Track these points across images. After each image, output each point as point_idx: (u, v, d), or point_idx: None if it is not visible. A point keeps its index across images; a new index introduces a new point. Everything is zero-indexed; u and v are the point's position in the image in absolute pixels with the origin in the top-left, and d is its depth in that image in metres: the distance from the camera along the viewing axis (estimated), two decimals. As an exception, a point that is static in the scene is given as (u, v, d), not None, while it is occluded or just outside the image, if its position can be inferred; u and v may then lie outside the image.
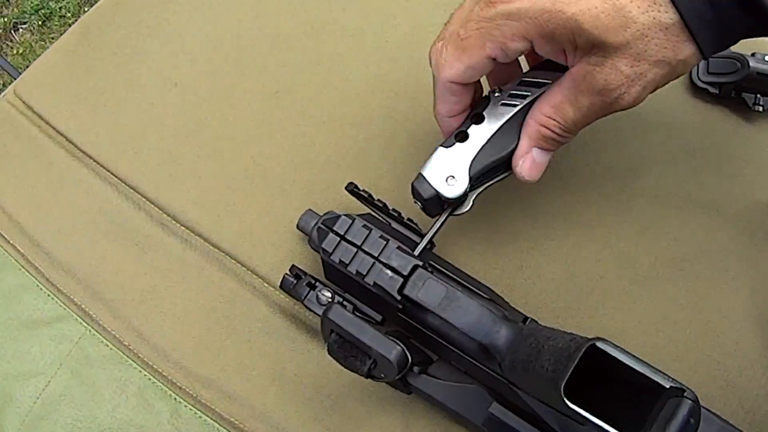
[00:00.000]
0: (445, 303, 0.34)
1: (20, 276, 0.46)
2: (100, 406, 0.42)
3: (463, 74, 0.34)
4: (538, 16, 0.30)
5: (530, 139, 0.35)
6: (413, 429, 0.39)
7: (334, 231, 0.36)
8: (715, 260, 0.43)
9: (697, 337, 0.41)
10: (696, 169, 0.45)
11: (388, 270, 0.35)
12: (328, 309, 0.32)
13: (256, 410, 0.40)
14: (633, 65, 0.31)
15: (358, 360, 0.32)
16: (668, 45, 0.30)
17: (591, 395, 0.27)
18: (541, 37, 0.31)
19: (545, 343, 0.30)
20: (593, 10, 0.30)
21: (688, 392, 0.27)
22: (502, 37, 0.32)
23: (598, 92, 0.32)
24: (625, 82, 0.31)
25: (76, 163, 0.48)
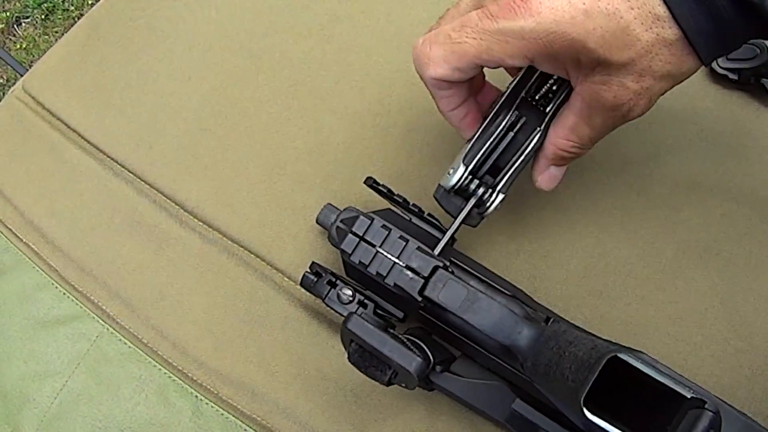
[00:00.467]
0: (466, 304, 0.34)
1: (35, 275, 0.45)
2: (119, 404, 0.41)
3: (450, 75, 0.34)
4: (542, 38, 0.30)
5: (548, 159, 0.36)
6: (438, 423, 0.39)
7: (353, 232, 0.35)
8: (739, 247, 0.42)
9: (722, 326, 0.40)
10: (717, 155, 0.44)
11: (409, 271, 0.34)
12: (347, 320, 0.32)
13: (279, 406, 0.40)
14: (639, 81, 0.31)
15: (379, 370, 0.32)
16: (672, 60, 0.31)
17: (612, 400, 0.27)
18: (543, 57, 0.31)
19: (567, 348, 0.30)
20: (598, 30, 0.29)
21: (709, 404, 0.27)
22: (502, 53, 0.31)
23: (609, 109, 0.32)
24: (633, 97, 0.32)
25: (89, 159, 0.47)
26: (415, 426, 0.39)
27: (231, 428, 0.40)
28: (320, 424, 0.39)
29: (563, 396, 0.29)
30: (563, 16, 0.29)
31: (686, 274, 0.41)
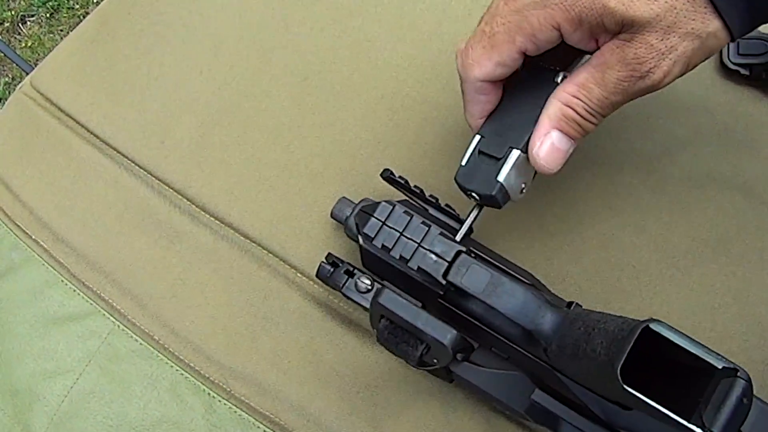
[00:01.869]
0: (489, 289, 0.33)
1: (45, 272, 0.45)
2: (131, 402, 0.41)
3: (494, 72, 0.33)
4: (564, 1, 0.30)
5: (550, 120, 0.33)
6: (452, 418, 0.38)
7: (375, 217, 0.35)
8: (751, 241, 0.42)
9: (735, 320, 0.41)
10: (728, 150, 0.44)
11: (433, 255, 0.33)
12: (378, 294, 0.32)
13: (292, 403, 0.39)
14: (663, 38, 0.30)
15: (410, 345, 0.32)
16: (696, 16, 0.30)
17: (642, 379, 0.27)
18: (569, 23, 0.31)
19: (595, 326, 0.30)
20: None
21: (741, 372, 0.27)
22: (531, 28, 0.31)
23: (627, 66, 0.31)
24: (656, 55, 0.30)
25: (100, 155, 0.47)
26: (429, 420, 0.39)
27: (244, 425, 0.40)
28: (333, 421, 0.39)
29: (595, 373, 0.29)
30: None
31: (699, 269, 0.41)
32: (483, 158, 0.35)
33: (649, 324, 0.27)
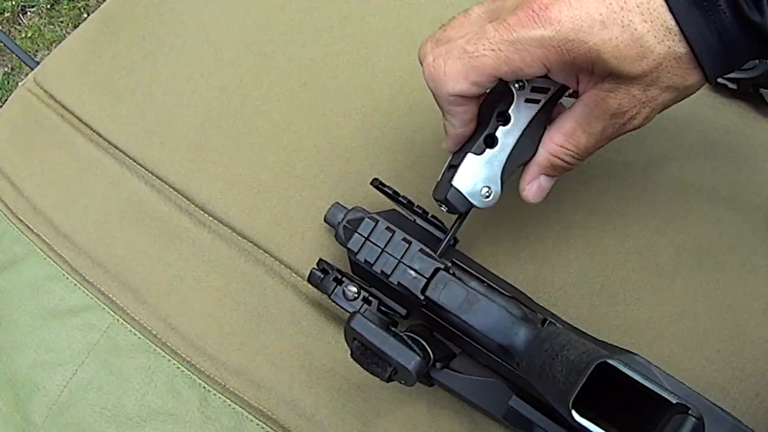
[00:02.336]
0: (465, 306, 0.35)
1: (46, 266, 0.47)
2: (128, 394, 0.43)
3: (469, 90, 0.34)
4: (561, 46, 0.31)
5: (539, 167, 0.36)
6: (438, 418, 0.40)
7: (358, 233, 0.37)
8: (734, 253, 0.44)
9: (715, 328, 0.42)
10: (715, 162, 0.46)
11: (412, 271, 0.35)
12: (351, 319, 0.34)
13: (285, 398, 0.41)
14: (645, 90, 0.32)
15: (379, 367, 0.34)
16: (679, 72, 0.32)
17: (604, 400, 0.29)
18: (561, 65, 0.32)
19: (559, 351, 0.32)
20: (613, 41, 0.30)
21: (693, 410, 0.28)
22: (522, 62, 0.32)
23: (611, 116, 0.33)
24: (637, 105, 0.33)
25: (102, 153, 0.48)
26: (416, 419, 0.40)
27: (238, 419, 0.41)
28: (324, 417, 0.41)
29: (555, 396, 0.30)
30: (581, 26, 0.30)
31: (682, 277, 0.43)
32: (449, 169, 0.37)
33: (607, 360, 0.29)
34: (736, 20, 0.30)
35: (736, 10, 0.30)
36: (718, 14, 0.30)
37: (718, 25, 0.31)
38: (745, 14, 0.30)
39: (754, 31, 0.30)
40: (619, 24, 0.30)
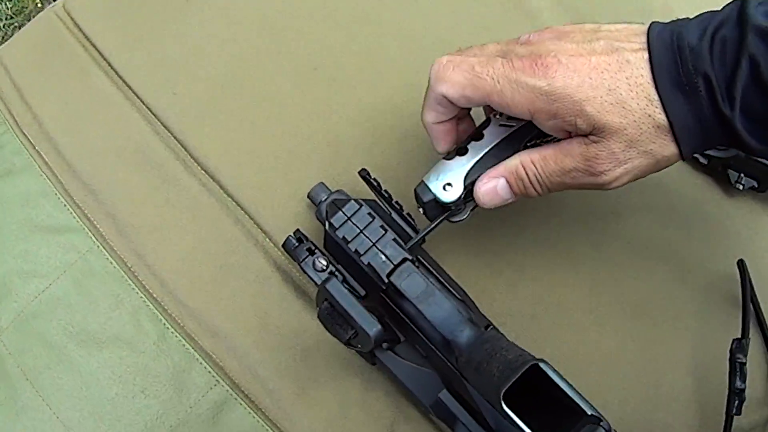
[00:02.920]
0: (422, 296, 0.39)
1: (41, 182, 0.50)
2: (94, 316, 0.46)
3: (458, 99, 0.39)
4: (548, 96, 0.36)
5: (505, 169, 0.40)
6: (369, 397, 0.45)
7: (343, 211, 0.41)
8: (669, 311, 0.48)
9: (635, 374, 0.47)
10: (671, 225, 0.50)
11: (383, 255, 0.39)
12: (327, 281, 0.38)
13: (235, 349, 0.45)
14: (624, 149, 0.36)
15: (342, 329, 0.37)
16: (657, 141, 0.36)
17: (527, 405, 0.33)
18: (544, 113, 0.37)
19: (498, 351, 0.36)
20: (598, 99, 0.35)
21: (604, 422, 0.33)
22: (511, 101, 0.37)
23: (586, 160, 0.37)
24: (613, 161, 0.37)
25: (114, 89, 0.52)
26: (349, 395, 0.45)
27: (188, 359, 0.45)
28: (267, 374, 0.45)
29: (488, 390, 0.35)
30: (572, 84, 0.35)
31: (616, 321, 0.48)
32: None
33: (539, 363, 0.33)
34: (712, 107, 0.35)
35: (712, 98, 0.35)
36: (698, 98, 0.35)
37: (697, 108, 0.35)
38: (718, 104, 0.35)
39: (724, 121, 0.35)
40: (606, 87, 0.35)
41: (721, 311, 0.48)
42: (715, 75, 0.34)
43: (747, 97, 0.34)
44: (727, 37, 0.34)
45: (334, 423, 0.44)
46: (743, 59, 0.34)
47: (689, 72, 0.35)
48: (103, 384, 0.45)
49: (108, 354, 0.45)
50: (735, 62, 0.34)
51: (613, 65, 0.35)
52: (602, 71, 0.35)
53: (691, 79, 0.35)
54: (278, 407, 0.44)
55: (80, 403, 0.45)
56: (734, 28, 0.34)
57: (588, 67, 0.35)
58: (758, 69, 0.33)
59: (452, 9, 0.54)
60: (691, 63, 0.35)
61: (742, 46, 0.34)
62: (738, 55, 0.34)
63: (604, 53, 0.36)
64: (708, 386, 0.47)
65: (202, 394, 0.45)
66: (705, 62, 0.34)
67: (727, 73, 0.34)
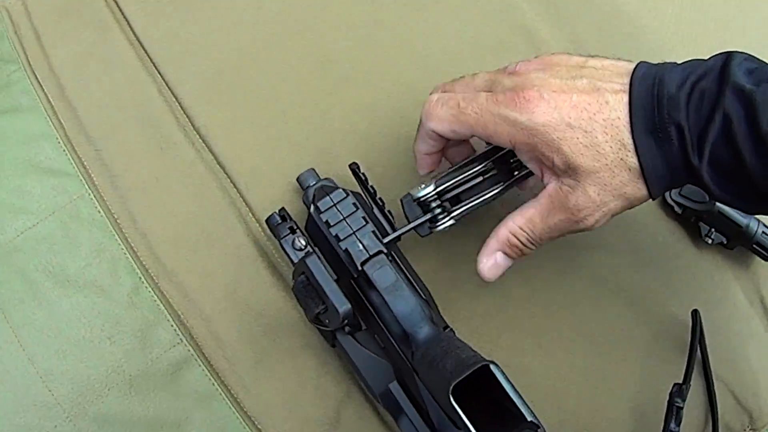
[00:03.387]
0: (390, 289, 0.42)
1: (44, 124, 0.52)
2: (74, 260, 0.49)
3: (447, 134, 0.42)
4: (528, 131, 0.39)
5: (498, 243, 0.43)
6: (322, 379, 0.47)
7: (330, 197, 0.44)
8: (619, 347, 0.51)
9: (576, 402, 0.49)
10: (636, 266, 0.53)
11: (360, 244, 0.42)
12: (308, 255, 0.41)
13: (203, 314, 0.48)
14: (600, 193, 0.39)
15: (313, 302, 0.40)
16: (629, 184, 0.39)
17: (472, 407, 0.35)
18: (525, 146, 0.39)
19: (453, 350, 0.38)
20: (574, 140, 0.38)
21: (541, 429, 0.35)
22: (495, 134, 0.40)
23: (567, 211, 0.40)
24: (592, 206, 0.39)
25: (129, 49, 0.54)
26: (303, 373, 0.48)
27: (157, 315, 0.48)
28: (229, 342, 0.48)
29: (438, 386, 0.37)
30: (550, 122, 0.38)
31: (564, 350, 0.50)
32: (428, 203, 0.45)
33: (490, 365, 0.36)
34: (682, 155, 0.37)
35: (682, 147, 0.37)
36: (670, 146, 0.37)
37: (667, 154, 0.37)
38: (688, 154, 0.37)
39: (692, 169, 0.37)
40: (582, 129, 0.38)
41: (669, 356, 0.51)
42: (689, 126, 0.36)
43: (716, 150, 0.36)
44: (706, 89, 0.36)
45: (286, 397, 0.47)
46: (717, 114, 0.35)
47: (664, 120, 0.36)
48: (72, 325, 0.47)
49: (82, 297, 0.48)
50: (709, 115, 0.36)
51: (593, 105, 0.37)
52: (581, 110, 0.37)
53: (665, 127, 0.36)
54: (235, 374, 0.47)
55: (48, 340, 0.47)
56: (714, 81, 0.36)
57: (569, 105, 0.38)
58: (730, 125, 0.35)
59: (457, 27, 0.56)
60: (666, 111, 0.36)
61: (718, 101, 0.35)
62: (713, 110, 0.36)
63: (585, 92, 0.38)
64: (644, 425, 0.50)
65: (165, 350, 0.47)
66: (680, 112, 0.36)
67: (700, 125, 0.36)
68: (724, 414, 0.51)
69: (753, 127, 0.35)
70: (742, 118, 0.35)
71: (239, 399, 0.47)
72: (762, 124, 0.34)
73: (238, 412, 0.47)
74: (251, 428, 0.46)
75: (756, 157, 0.35)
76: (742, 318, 0.53)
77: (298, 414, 0.47)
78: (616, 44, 0.56)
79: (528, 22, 0.56)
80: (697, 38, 0.58)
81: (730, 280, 0.54)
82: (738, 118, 0.35)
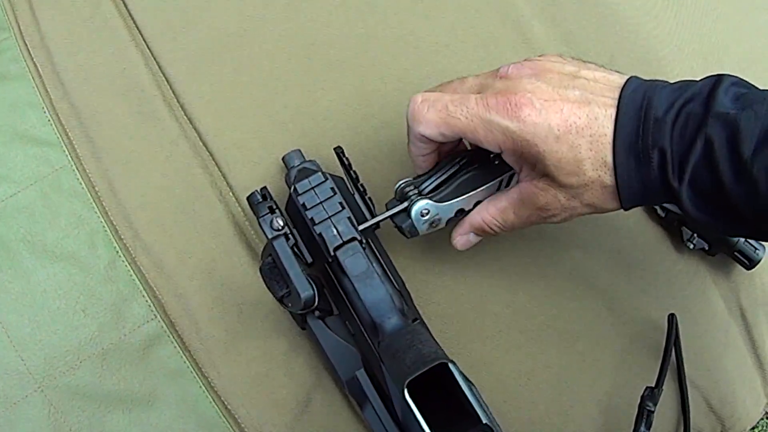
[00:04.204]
0: (362, 276, 0.43)
1: (31, 94, 0.53)
2: (53, 230, 0.50)
3: (435, 137, 0.43)
4: (517, 139, 0.39)
5: (471, 227, 0.46)
6: (291, 362, 0.49)
7: (309, 180, 0.45)
8: (595, 347, 0.52)
9: (548, 399, 0.51)
10: (616, 267, 0.54)
11: (335, 229, 0.42)
12: (275, 238, 0.41)
13: (177, 290, 0.49)
14: (569, 200, 0.41)
15: (278, 285, 0.41)
16: (601, 197, 0.40)
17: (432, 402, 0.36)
18: (510, 151, 0.40)
19: (416, 344, 0.39)
20: (558, 154, 0.38)
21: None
22: (483, 137, 0.40)
23: (536, 208, 0.42)
24: (559, 208, 0.41)
25: (120, 21, 0.55)
26: (273, 355, 0.49)
27: (132, 289, 0.49)
28: (202, 319, 0.49)
29: (397, 376, 0.38)
30: (539, 132, 0.39)
31: (542, 345, 0.51)
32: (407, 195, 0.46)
33: (448, 363, 0.36)
34: (660, 177, 0.38)
35: (662, 169, 0.37)
36: (649, 168, 0.38)
37: (645, 176, 0.38)
38: (668, 176, 0.37)
39: (670, 190, 0.38)
40: (569, 143, 0.38)
41: (644, 359, 0.52)
42: (672, 149, 0.37)
43: (696, 173, 0.36)
44: (691, 113, 0.37)
45: (256, 378, 0.48)
46: (699, 139, 0.36)
47: (647, 144, 0.37)
48: (48, 295, 0.48)
49: (59, 268, 0.49)
50: (692, 139, 0.36)
51: (582, 119, 0.38)
52: (571, 124, 0.38)
53: (647, 150, 0.37)
54: (206, 352, 0.48)
55: (22, 308, 0.48)
56: (701, 105, 0.36)
57: (559, 117, 0.38)
58: (712, 150, 0.36)
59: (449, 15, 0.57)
60: (651, 135, 0.37)
61: (701, 126, 0.36)
62: (696, 133, 0.36)
63: (576, 104, 0.38)
64: (615, 426, 0.51)
65: (138, 325, 0.48)
66: (665, 137, 0.37)
67: (683, 148, 0.37)
68: (696, 420, 0.52)
69: (734, 152, 0.35)
70: (724, 143, 0.35)
71: (210, 378, 0.48)
72: (743, 150, 0.35)
73: (208, 391, 0.48)
74: (221, 407, 0.47)
75: (736, 182, 0.35)
76: (719, 325, 0.54)
77: (268, 396, 0.48)
78: (610, 45, 0.57)
79: (522, 18, 0.57)
80: (693, 40, 0.59)
81: (709, 287, 0.55)
82: (720, 143, 0.35)
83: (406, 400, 0.35)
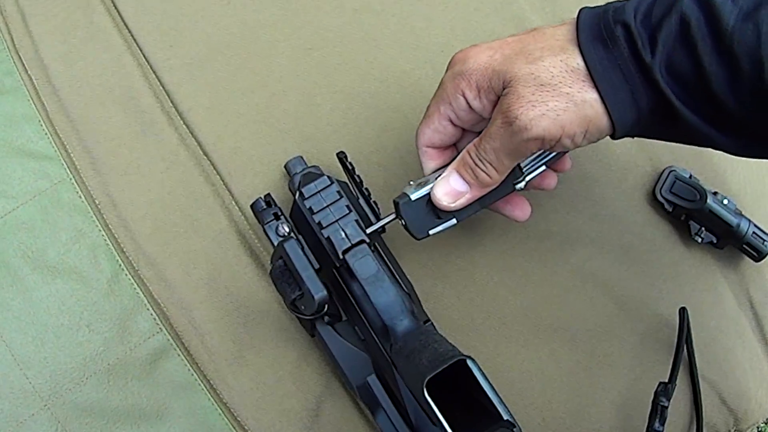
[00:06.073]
0: (371, 279, 0.43)
1: (27, 106, 0.53)
2: (54, 245, 0.50)
3: (432, 138, 0.43)
4: (467, 72, 0.40)
5: (451, 164, 0.43)
6: (301, 371, 0.49)
7: (315, 184, 0.45)
8: (606, 344, 0.52)
9: (561, 398, 0.51)
10: (624, 262, 0.54)
11: (343, 233, 0.43)
12: (286, 240, 0.42)
13: (182, 302, 0.49)
14: (534, 92, 0.37)
15: (290, 288, 0.41)
16: (573, 84, 0.37)
17: (448, 402, 0.36)
18: (469, 89, 0.41)
19: (432, 344, 0.39)
20: (504, 54, 0.39)
21: (517, 428, 0.36)
22: (447, 96, 0.41)
23: (502, 114, 0.39)
24: (524, 104, 0.37)
25: (115, 30, 0.56)
26: (282, 365, 0.49)
27: (137, 303, 0.49)
28: (209, 331, 0.49)
29: (414, 377, 0.38)
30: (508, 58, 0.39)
31: (551, 344, 0.52)
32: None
33: (467, 359, 0.36)
34: (630, 51, 0.36)
35: (631, 42, 0.36)
36: (617, 46, 0.37)
37: (615, 54, 0.37)
38: (638, 50, 0.36)
39: (645, 68, 0.36)
40: (518, 50, 0.39)
41: (656, 354, 0.52)
42: (637, 27, 0.36)
43: (672, 53, 0.36)
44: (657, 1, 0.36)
45: (265, 389, 0.48)
46: (673, 16, 0.35)
47: (609, 24, 0.37)
48: (51, 312, 0.48)
49: (61, 284, 0.49)
50: (661, 18, 0.36)
51: (535, 36, 0.39)
52: (518, 41, 0.40)
53: (610, 30, 0.37)
54: (214, 365, 0.48)
55: (26, 326, 0.48)
56: None
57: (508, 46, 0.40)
58: (688, 28, 0.35)
59: (452, 17, 0.57)
60: (612, 16, 0.37)
61: (673, 7, 0.35)
62: (667, 12, 0.36)
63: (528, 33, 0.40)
64: (629, 423, 0.51)
65: (144, 339, 0.48)
66: (628, 15, 0.36)
67: (651, 25, 0.36)
68: (709, 414, 0.52)
69: (713, 29, 0.35)
70: (702, 21, 0.35)
71: (218, 389, 0.48)
72: (723, 21, 0.34)
73: (217, 403, 0.48)
74: (230, 419, 0.47)
75: (716, 63, 0.35)
76: (730, 318, 0.54)
77: (277, 406, 0.48)
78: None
79: (523, 14, 0.57)
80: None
81: (718, 280, 0.55)
82: (697, 22, 0.35)
83: (426, 398, 0.35)
